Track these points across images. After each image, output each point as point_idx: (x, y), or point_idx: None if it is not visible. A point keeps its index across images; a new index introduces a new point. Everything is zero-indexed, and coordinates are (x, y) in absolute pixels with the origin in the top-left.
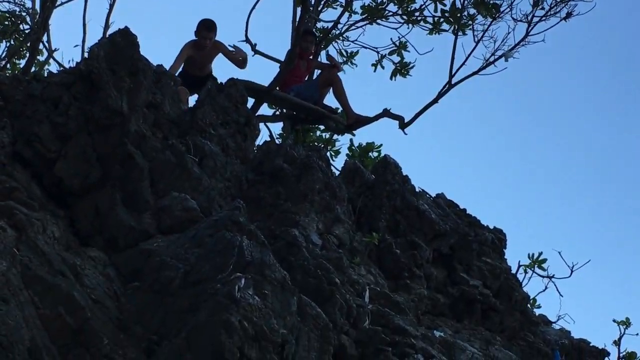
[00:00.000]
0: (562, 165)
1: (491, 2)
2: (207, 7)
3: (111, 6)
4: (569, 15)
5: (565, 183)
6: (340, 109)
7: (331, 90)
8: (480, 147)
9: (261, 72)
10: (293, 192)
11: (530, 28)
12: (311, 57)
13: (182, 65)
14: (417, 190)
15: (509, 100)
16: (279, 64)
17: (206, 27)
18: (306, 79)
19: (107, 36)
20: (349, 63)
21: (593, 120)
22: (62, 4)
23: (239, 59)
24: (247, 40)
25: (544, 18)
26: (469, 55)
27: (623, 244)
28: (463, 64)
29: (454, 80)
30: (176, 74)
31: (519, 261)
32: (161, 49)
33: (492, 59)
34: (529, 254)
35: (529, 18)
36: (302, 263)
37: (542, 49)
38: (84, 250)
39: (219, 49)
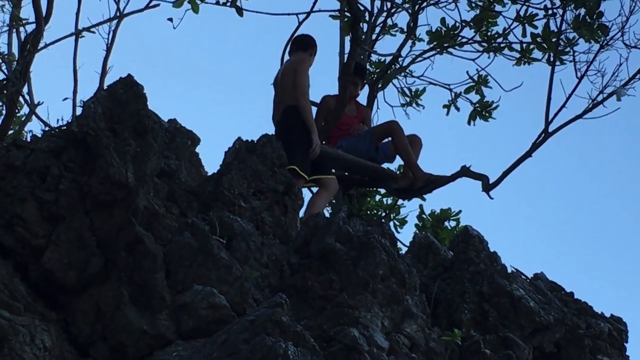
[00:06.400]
0: None
1: (596, 23)
2: (230, 46)
3: (109, 47)
4: None
5: None
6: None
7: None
8: (587, 210)
9: None
10: (349, 279)
11: None
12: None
13: None
14: (509, 270)
15: (623, 149)
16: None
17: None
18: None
19: (105, 87)
20: (413, 104)
21: None
22: (46, 46)
23: None
24: None
25: None
26: (570, 94)
27: None
28: (563, 105)
29: (551, 127)
30: None
31: None
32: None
33: (600, 98)
34: None
35: None
36: None
37: None
38: None
39: None
